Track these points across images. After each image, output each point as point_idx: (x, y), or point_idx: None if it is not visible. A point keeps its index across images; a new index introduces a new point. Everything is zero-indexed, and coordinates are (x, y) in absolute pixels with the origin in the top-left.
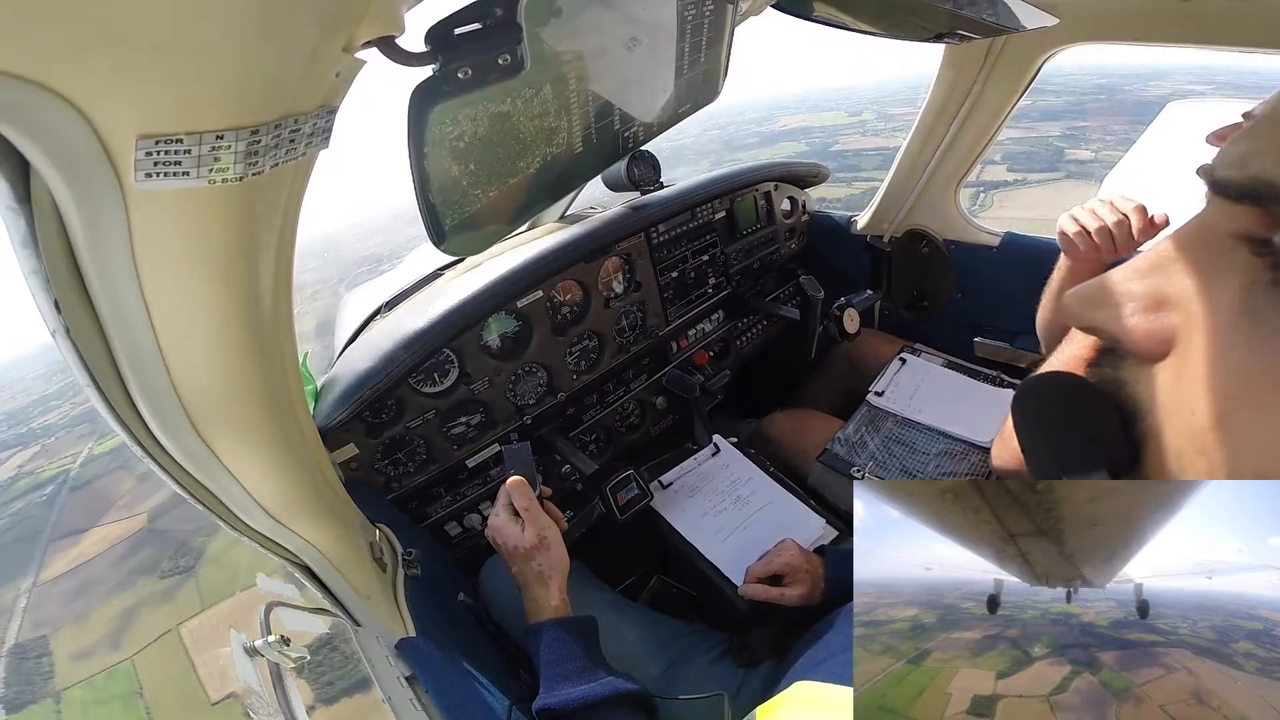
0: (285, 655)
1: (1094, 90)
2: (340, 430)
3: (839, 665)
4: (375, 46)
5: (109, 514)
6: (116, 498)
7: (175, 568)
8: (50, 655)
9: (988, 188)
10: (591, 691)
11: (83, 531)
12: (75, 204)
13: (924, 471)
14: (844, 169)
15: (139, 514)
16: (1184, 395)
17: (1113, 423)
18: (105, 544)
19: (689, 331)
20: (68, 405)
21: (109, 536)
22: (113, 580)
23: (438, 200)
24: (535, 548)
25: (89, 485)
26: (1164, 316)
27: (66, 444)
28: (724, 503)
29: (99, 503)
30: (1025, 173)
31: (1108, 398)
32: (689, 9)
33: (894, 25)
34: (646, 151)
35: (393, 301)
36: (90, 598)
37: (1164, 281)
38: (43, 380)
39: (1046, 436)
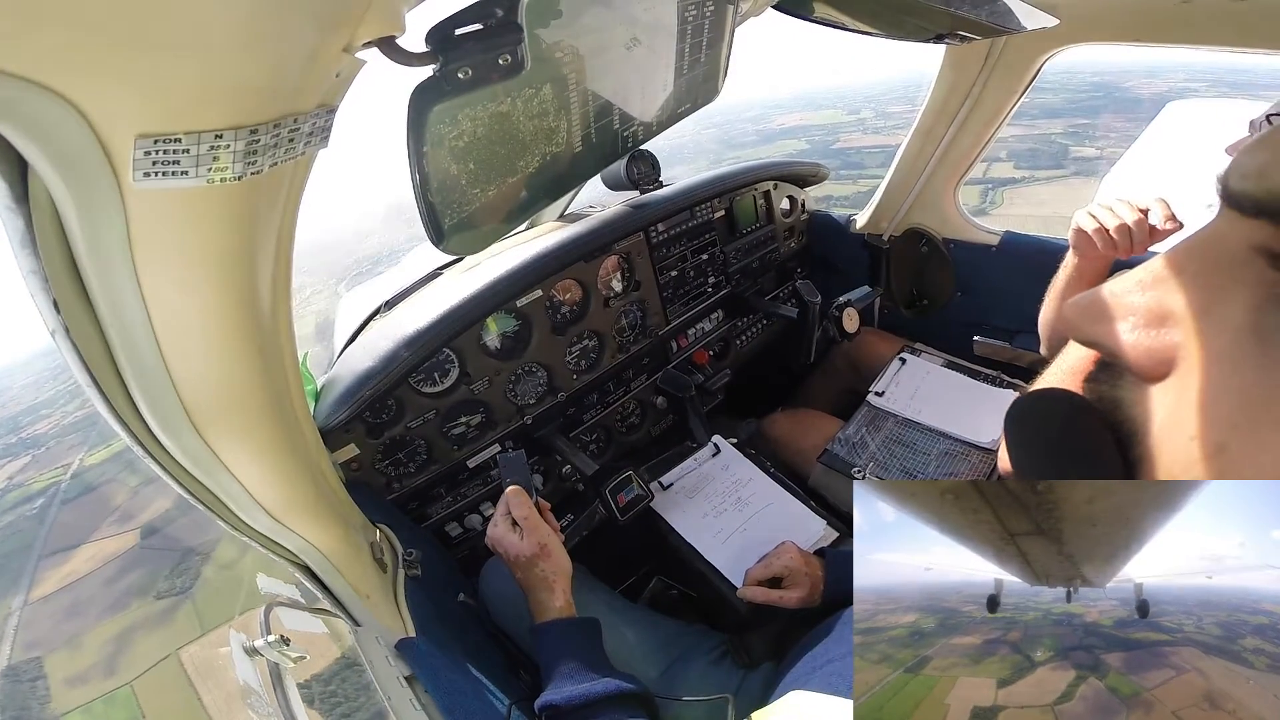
0: (285, 655)
1: (1090, 88)
2: (341, 430)
3: (833, 673)
4: (376, 47)
5: (100, 529)
6: (108, 512)
7: (171, 589)
8: (46, 678)
9: (996, 185)
10: (593, 690)
11: (74, 548)
12: (74, 203)
13: (925, 472)
14: (847, 166)
15: (131, 530)
16: (1182, 420)
17: (1107, 445)
18: (97, 562)
19: (689, 331)
20: (59, 414)
21: (100, 554)
22: (105, 600)
23: (437, 200)
24: (536, 556)
25: (79, 499)
26: (1166, 334)
27: (57, 454)
28: (724, 504)
29: (90, 517)
30: (1032, 170)
31: (1104, 417)
32: (689, 9)
33: (894, 26)
34: (646, 151)
35: (392, 301)
36: (83, 619)
37: (1167, 296)
38: (32, 388)
39: (1039, 458)
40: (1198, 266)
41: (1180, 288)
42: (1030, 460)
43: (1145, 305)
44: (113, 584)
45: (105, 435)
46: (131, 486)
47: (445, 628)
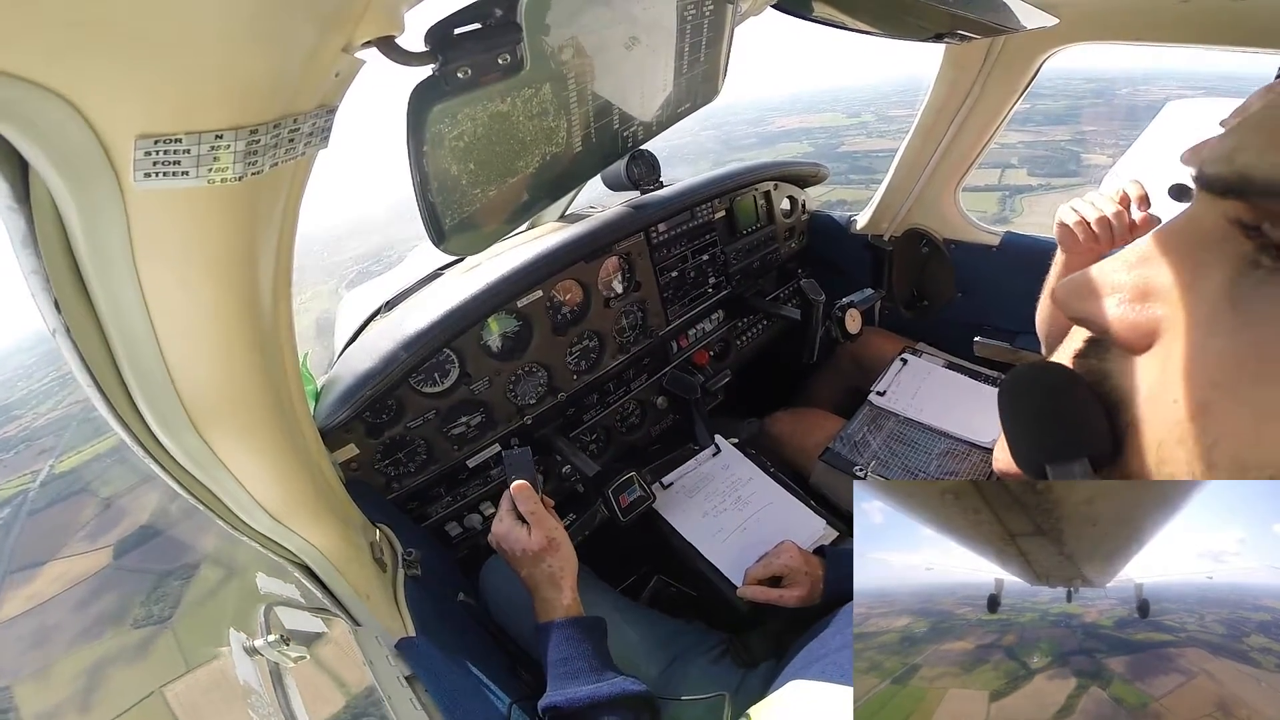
0: (285, 655)
1: (1091, 94)
2: (341, 430)
3: (831, 664)
4: (375, 46)
5: (69, 545)
6: (77, 526)
7: (149, 616)
8: (16, 711)
9: (1012, 193)
10: (598, 691)
11: (39, 565)
12: (74, 203)
13: (926, 471)
14: (855, 170)
15: (103, 548)
16: (1166, 385)
17: (1096, 413)
18: (64, 583)
19: (689, 331)
20: (29, 415)
21: (69, 574)
22: (75, 627)
23: (437, 200)
24: (544, 550)
25: (47, 510)
26: (1150, 308)
27: (25, 460)
28: (725, 503)
29: (58, 531)
30: (1048, 178)
31: (1092, 388)
32: (689, 9)
33: (893, 25)
34: (646, 151)
35: (393, 301)
36: (50, 647)
37: (1151, 273)
38: (4, 387)
39: (1030, 426)
40: (1179, 244)
41: (1163, 265)
42: (1022, 431)
43: (1131, 282)
44: (83, 609)
45: (76, 440)
46: (104, 497)
47: (445, 627)
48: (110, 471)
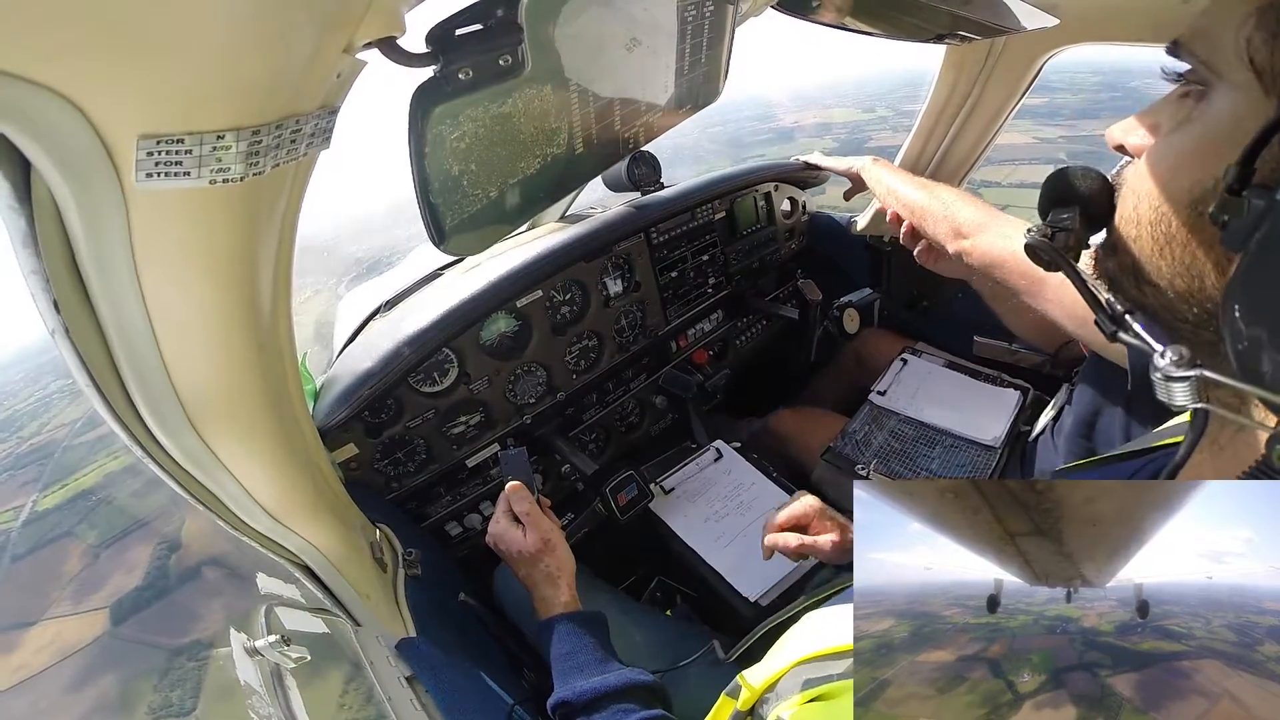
0: (285, 655)
1: (1105, 87)
2: (340, 430)
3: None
4: (376, 47)
5: (59, 603)
6: (66, 577)
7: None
8: None
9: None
10: (605, 683)
11: (26, 626)
12: (76, 203)
13: (928, 469)
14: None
15: (97, 609)
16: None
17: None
18: (56, 652)
19: (688, 331)
20: (14, 440)
21: (61, 641)
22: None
23: (438, 200)
24: (540, 551)
25: (33, 555)
26: (1149, 135)
27: (7, 494)
28: (726, 508)
29: (44, 582)
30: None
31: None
32: (689, 10)
33: (894, 26)
34: (647, 152)
35: (392, 301)
36: None
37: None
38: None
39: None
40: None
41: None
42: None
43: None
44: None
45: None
46: (91, 544)
47: (446, 627)
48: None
